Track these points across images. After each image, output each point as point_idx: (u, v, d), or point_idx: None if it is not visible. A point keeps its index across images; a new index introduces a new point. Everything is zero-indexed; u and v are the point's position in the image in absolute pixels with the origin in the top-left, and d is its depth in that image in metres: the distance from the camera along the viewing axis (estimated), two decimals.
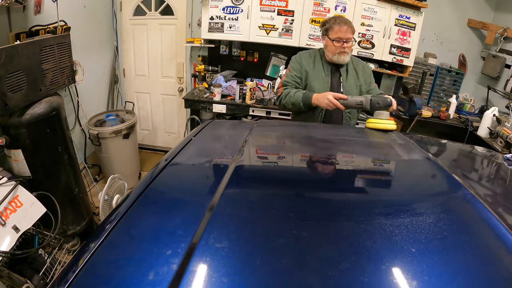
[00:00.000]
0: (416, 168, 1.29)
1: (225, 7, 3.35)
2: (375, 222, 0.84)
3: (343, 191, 1.08)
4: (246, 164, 1.22)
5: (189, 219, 0.83)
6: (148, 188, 0.99)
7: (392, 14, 3.30)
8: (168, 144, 4.70)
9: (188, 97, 3.54)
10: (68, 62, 2.77)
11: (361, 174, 1.24)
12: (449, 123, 3.47)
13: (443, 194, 1.06)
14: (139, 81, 4.40)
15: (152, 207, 0.95)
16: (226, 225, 0.81)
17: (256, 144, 1.40)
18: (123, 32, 4.18)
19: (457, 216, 0.91)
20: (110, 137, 3.50)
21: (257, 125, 1.64)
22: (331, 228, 0.83)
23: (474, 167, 1.53)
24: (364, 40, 3.39)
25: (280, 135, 1.66)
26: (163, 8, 3.98)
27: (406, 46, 3.43)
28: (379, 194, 1.09)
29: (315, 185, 1.11)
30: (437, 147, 1.81)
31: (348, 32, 2.18)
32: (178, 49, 4.11)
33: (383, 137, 1.64)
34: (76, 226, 2.77)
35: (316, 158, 1.34)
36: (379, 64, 3.59)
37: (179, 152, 1.26)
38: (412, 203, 0.98)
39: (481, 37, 3.87)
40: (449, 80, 3.81)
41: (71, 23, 3.07)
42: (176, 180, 1.17)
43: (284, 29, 3.39)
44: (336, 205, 0.97)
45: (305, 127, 1.85)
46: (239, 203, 0.94)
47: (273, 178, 1.14)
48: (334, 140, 1.62)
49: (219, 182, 0.98)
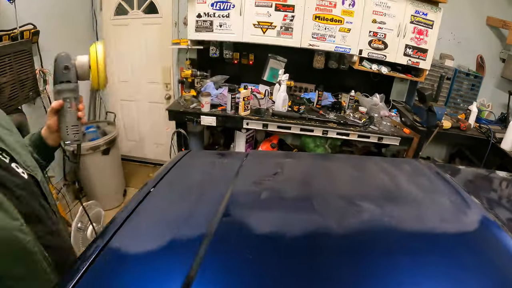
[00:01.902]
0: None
1: (214, 2, 2.93)
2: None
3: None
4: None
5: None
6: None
7: (407, 9, 2.89)
8: (156, 155, 4.36)
9: (173, 107, 3.09)
10: (30, 73, 2.44)
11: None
12: (469, 134, 3.09)
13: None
14: (123, 87, 4.02)
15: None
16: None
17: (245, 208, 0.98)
18: (104, 33, 3.80)
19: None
20: (88, 154, 3.15)
21: (247, 160, 1.24)
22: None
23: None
24: (375, 39, 2.98)
25: (284, 181, 1.22)
26: (147, 5, 3.60)
27: (422, 47, 3.02)
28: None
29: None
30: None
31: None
32: (163, 52, 3.71)
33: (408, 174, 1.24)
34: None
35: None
36: (392, 67, 3.19)
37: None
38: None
39: (500, 37, 3.51)
40: (467, 85, 3.45)
41: (43, 26, 2.77)
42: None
43: (283, 27, 2.97)
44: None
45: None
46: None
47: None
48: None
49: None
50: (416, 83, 3.39)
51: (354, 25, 2.94)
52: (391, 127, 3.06)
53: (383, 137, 2.96)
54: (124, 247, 0.79)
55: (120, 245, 0.79)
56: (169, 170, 1.20)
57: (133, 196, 1.02)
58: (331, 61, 3.33)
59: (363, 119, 3.07)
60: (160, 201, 1.00)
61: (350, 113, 3.24)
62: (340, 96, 3.52)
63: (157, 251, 0.76)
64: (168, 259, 0.73)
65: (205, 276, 0.66)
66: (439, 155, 4.00)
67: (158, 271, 0.70)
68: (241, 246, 0.78)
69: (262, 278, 0.69)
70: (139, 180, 4.10)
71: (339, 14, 2.90)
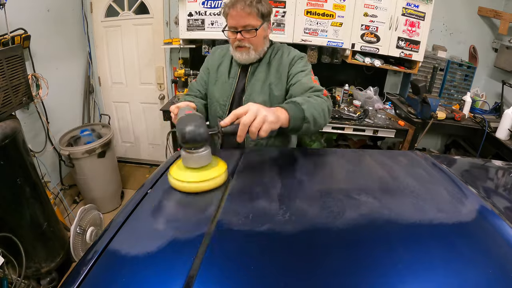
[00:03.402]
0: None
1: (205, 0, 2.91)
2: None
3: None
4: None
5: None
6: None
7: (399, 2, 2.88)
8: (152, 156, 4.33)
9: (167, 107, 3.07)
10: (23, 78, 2.42)
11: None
12: (464, 124, 3.10)
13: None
14: (117, 89, 3.98)
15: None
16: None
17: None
18: (95, 36, 3.76)
19: None
20: (83, 157, 3.13)
21: (243, 157, 1.23)
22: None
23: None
24: (368, 33, 2.97)
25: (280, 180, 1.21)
26: (137, 6, 3.56)
27: (415, 39, 3.02)
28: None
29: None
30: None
31: (243, 17, 1.47)
32: (156, 52, 3.68)
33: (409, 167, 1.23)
34: (50, 263, 2.48)
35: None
36: (385, 60, 3.19)
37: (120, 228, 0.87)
38: None
39: (492, 27, 3.51)
40: (460, 75, 3.45)
41: (34, 31, 2.75)
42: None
43: (275, 22, 2.95)
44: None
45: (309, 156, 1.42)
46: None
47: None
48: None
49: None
50: (410, 75, 3.40)
51: (346, 19, 2.93)
52: (386, 120, 3.06)
53: (378, 130, 2.95)
54: (123, 250, 0.78)
55: (119, 248, 0.78)
56: (165, 170, 1.19)
57: (131, 198, 1.00)
58: (324, 55, 3.32)
59: (357, 112, 3.07)
60: (158, 202, 0.98)
61: (345, 107, 3.24)
62: (334, 90, 3.51)
63: (156, 253, 0.75)
64: (168, 260, 0.72)
65: (206, 276, 0.66)
66: (434, 146, 4.01)
67: (158, 272, 0.69)
68: (241, 243, 0.77)
69: (263, 274, 0.68)
70: (136, 181, 4.08)
71: (331, 8, 2.89)
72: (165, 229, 0.85)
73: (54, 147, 3.23)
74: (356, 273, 0.68)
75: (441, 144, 4.01)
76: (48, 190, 2.84)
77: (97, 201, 3.29)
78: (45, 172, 2.99)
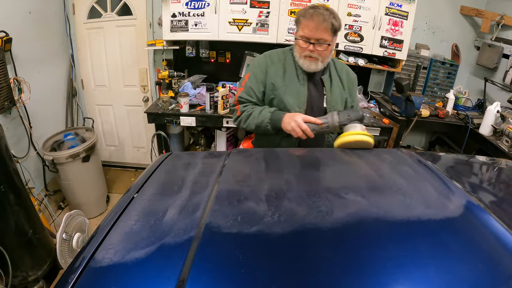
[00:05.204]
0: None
1: (188, 1, 2.88)
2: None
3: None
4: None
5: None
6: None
7: (382, 2, 2.91)
8: (137, 159, 4.27)
9: (151, 110, 3.03)
10: (4, 82, 2.38)
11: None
12: (447, 121, 3.15)
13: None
14: (100, 92, 3.91)
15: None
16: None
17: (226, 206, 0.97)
18: (78, 38, 3.68)
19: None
20: (67, 162, 3.06)
21: (230, 158, 1.22)
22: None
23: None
24: (351, 32, 2.99)
25: (269, 178, 1.20)
26: (120, 7, 3.50)
27: (398, 38, 3.05)
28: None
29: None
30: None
31: (319, 30, 1.55)
32: (139, 54, 3.63)
33: (395, 164, 1.24)
34: (37, 271, 2.41)
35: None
36: (368, 59, 3.21)
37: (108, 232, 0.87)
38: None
39: (474, 25, 3.58)
40: (443, 73, 3.50)
41: (15, 33, 2.69)
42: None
43: (259, 23, 2.94)
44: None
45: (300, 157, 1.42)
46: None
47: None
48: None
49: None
50: (393, 73, 3.43)
51: None
52: (370, 118, 3.08)
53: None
54: (111, 257, 0.76)
55: (107, 254, 0.76)
56: (151, 174, 1.17)
57: (117, 203, 1.00)
58: None
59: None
60: (145, 206, 0.97)
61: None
62: None
63: (145, 259, 0.74)
64: (157, 265, 0.71)
65: (197, 279, 0.65)
66: (419, 143, 4.06)
67: (148, 278, 0.68)
68: (230, 246, 0.77)
69: (254, 277, 0.68)
70: (122, 185, 4.02)
71: None
72: (153, 234, 0.84)
73: (37, 152, 3.15)
74: (347, 273, 0.68)
75: (426, 141, 4.06)
76: (32, 197, 2.77)
77: (82, 206, 3.23)
78: (29, 178, 2.92)
